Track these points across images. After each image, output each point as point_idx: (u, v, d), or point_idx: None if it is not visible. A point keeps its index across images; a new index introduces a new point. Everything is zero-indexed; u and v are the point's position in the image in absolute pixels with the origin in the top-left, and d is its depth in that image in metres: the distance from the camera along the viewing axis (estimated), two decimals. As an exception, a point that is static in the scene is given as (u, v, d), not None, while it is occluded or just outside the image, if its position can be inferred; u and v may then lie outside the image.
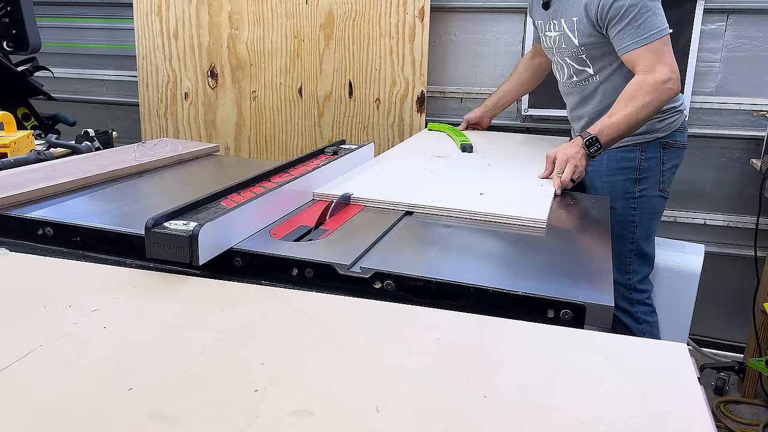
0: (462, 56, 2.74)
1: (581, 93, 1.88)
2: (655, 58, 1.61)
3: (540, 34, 1.96)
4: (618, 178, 1.86)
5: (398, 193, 1.36)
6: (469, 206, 1.27)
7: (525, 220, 1.21)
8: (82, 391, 0.65)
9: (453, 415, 0.64)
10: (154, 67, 2.93)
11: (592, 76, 1.83)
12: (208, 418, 0.62)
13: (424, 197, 1.33)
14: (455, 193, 1.40)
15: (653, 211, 1.90)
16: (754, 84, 2.44)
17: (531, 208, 1.28)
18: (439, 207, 1.27)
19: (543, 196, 1.41)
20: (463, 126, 2.33)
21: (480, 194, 1.38)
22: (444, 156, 1.82)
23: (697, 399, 0.68)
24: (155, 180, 1.54)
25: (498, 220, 1.23)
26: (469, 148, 1.89)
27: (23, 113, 2.62)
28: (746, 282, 2.48)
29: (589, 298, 0.90)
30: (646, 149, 1.83)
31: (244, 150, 2.93)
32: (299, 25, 2.73)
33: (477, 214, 1.25)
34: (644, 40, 1.62)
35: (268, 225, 1.17)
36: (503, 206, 1.27)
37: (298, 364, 0.72)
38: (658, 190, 1.87)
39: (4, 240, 1.13)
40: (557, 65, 1.93)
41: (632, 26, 1.62)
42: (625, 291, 1.91)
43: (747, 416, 2.28)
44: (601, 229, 1.30)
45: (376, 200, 1.31)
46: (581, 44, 1.76)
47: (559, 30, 1.80)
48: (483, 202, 1.31)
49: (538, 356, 0.76)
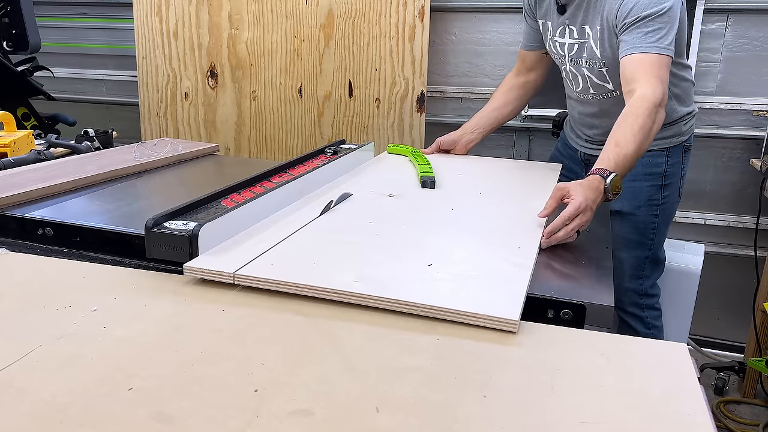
0: (462, 56, 2.74)
1: (599, 106, 1.72)
2: (654, 75, 1.45)
3: (547, 38, 1.76)
4: (643, 184, 1.73)
5: (307, 270, 0.94)
6: (406, 292, 0.86)
7: (484, 319, 0.81)
8: (82, 391, 0.65)
9: (453, 415, 0.64)
10: (154, 67, 2.93)
11: (612, 91, 1.66)
12: (208, 418, 0.61)
13: (344, 275, 0.92)
14: (394, 262, 0.99)
15: (671, 217, 1.83)
16: (754, 84, 2.44)
17: (496, 294, 0.88)
18: (358, 293, 0.86)
19: (518, 269, 0.97)
20: (434, 148, 1.91)
21: (429, 265, 0.97)
22: (397, 194, 1.39)
23: (697, 399, 0.68)
24: (155, 180, 1.54)
25: (444, 316, 0.83)
26: (431, 184, 1.47)
27: (23, 113, 2.62)
28: (746, 282, 2.48)
29: (589, 298, 0.90)
30: (672, 154, 1.73)
31: (244, 150, 2.93)
32: (299, 25, 2.73)
33: (416, 306, 0.84)
34: (651, 47, 1.47)
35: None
36: (456, 289, 0.89)
37: (298, 364, 0.72)
38: (677, 196, 1.80)
39: (4, 240, 1.13)
40: (569, 74, 1.75)
41: (643, 31, 1.47)
42: (637, 297, 1.84)
43: (747, 416, 2.28)
44: (601, 229, 1.30)
45: (271, 281, 0.90)
46: (603, 56, 1.61)
47: (579, 38, 1.64)
48: (428, 283, 0.91)
49: (538, 356, 0.76)
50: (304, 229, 1.13)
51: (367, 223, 1.18)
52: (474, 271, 0.96)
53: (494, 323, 0.81)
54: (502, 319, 0.81)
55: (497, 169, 1.74)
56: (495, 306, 0.83)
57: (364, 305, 0.86)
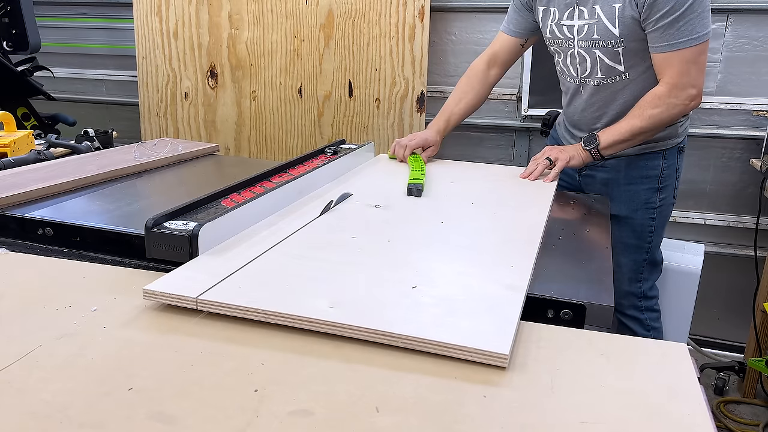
0: (462, 56, 2.73)
1: (603, 91, 1.69)
2: (684, 71, 1.53)
3: (547, 23, 1.70)
4: (639, 188, 1.74)
5: (278, 293, 0.85)
6: (385, 321, 0.78)
7: (471, 352, 0.73)
8: (82, 391, 0.65)
9: (453, 415, 0.64)
10: (154, 67, 2.93)
11: (622, 74, 1.64)
12: (208, 418, 0.61)
13: (318, 300, 0.83)
14: (375, 284, 0.90)
15: (667, 219, 1.84)
16: (754, 84, 2.44)
17: (485, 322, 0.79)
18: (332, 322, 0.78)
19: (510, 293, 0.88)
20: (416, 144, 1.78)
21: (413, 287, 0.89)
22: (384, 205, 1.30)
23: (697, 399, 0.68)
24: (155, 180, 1.54)
25: (427, 348, 0.75)
26: (417, 192, 1.40)
27: (23, 113, 2.62)
28: (746, 282, 2.48)
29: (589, 298, 0.90)
30: (668, 156, 1.74)
31: (244, 150, 2.93)
32: (299, 25, 2.73)
33: (396, 337, 0.76)
34: (681, 44, 1.51)
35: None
36: (441, 316, 0.80)
37: (299, 364, 0.72)
38: (673, 198, 1.80)
39: (4, 240, 1.13)
40: (573, 59, 1.69)
41: (673, 26, 1.49)
42: (636, 300, 1.83)
43: (747, 416, 2.28)
44: (600, 229, 1.30)
45: (236, 307, 0.82)
46: (621, 35, 1.56)
47: (591, 18, 1.60)
48: (411, 309, 0.82)
49: (538, 356, 0.76)
50: (282, 243, 1.04)
51: (350, 238, 1.08)
52: (462, 294, 0.87)
53: (482, 357, 0.72)
54: (490, 353, 0.72)
55: (492, 176, 1.63)
56: (483, 337, 0.75)
57: (339, 335, 0.78)
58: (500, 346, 0.73)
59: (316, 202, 1.28)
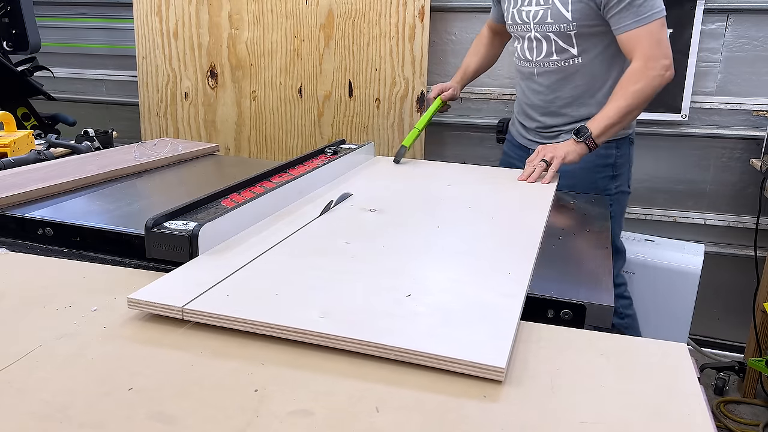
0: (462, 56, 2.71)
1: (557, 74, 1.79)
2: (653, 44, 1.60)
3: (509, 9, 1.82)
4: (596, 176, 1.83)
5: (267, 303, 0.82)
6: (378, 332, 0.75)
7: (465, 365, 0.70)
8: (82, 391, 0.65)
9: (453, 415, 0.64)
10: (154, 67, 2.93)
11: (575, 57, 1.75)
12: (208, 418, 0.62)
13: (309, 309, 0.80)
14: (367, 293, 0.87)
15: (624, 209, 1.94)
16: (754, 84, 2.44)
17: (481, 333, 0.76)
18: (322, 333, 0.75)
19: (507, 301, 0.85)
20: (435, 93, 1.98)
21: (407, 296, 0.86)
22: (379, 209, 1.27)
23: (697, 399, 0.68)
24: (155, 180, 1.54)
25: (420, 361, 0.72)
26: (399, 156, 1.73)
27: (23, 113, 2.62)
28: (746, 282, 2.48)
29: (589, 298, 0.90)
30: (620, 146, 1.83)
31: (244, 150, 2.93)
32: (299, 25, 2.73)
33: (388, 349, 0.73)
34: (644, 19, 1.59)
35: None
36: (435, 327, 0.77)
37: (299, 364, 0.72)
38: (627, 187, 1.90)
39: (4, 240, 1.13)
40: (530, 42, 1.79)
41: (634, 5, 1.59)
42: None
43: (747, 416, 2.28)
44: (600, 228, 1.30)
45: (223, 317, 0.79)
46: (573, 19, 1.67)
47: (546, 3, 1.70)
48: (404, 319, 0.79)
49: (538, 356, 0.76)
50: (275, 248, 1.02)
51: (343, 244, 1.05)
52: (457, 303, 0.84)
53: (477, 370, 0.70)
54: (486, 366, 0.69)
55: (489, 179, 1.61)
56: (478, 348, 0.72)
57: (329, 347, 0.75)
58: (496, 359, 0.70)
59: (316, 202, 1.28)
